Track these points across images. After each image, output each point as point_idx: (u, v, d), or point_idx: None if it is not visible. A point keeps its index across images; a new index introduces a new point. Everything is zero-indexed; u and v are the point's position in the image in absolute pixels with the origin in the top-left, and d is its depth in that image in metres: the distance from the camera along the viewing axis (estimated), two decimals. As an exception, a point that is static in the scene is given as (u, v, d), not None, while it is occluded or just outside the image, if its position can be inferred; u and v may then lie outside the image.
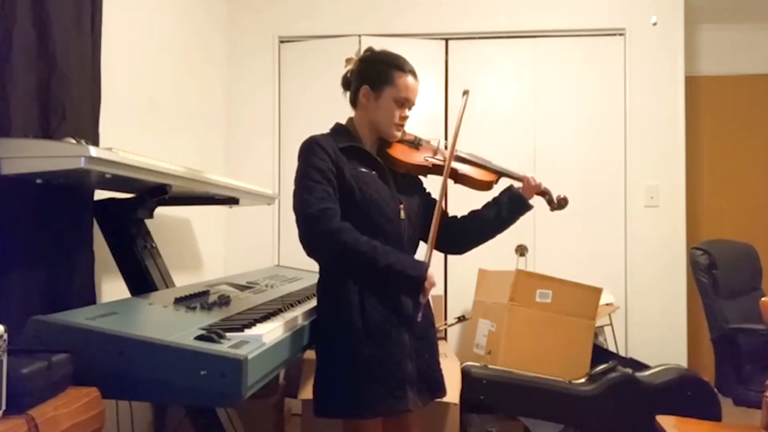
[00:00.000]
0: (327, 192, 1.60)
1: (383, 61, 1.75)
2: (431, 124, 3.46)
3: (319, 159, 1.63)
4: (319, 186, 1.59)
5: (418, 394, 1.69)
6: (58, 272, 1.70)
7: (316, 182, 1.60)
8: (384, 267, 1.58)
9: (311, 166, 1.62)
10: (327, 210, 1.57)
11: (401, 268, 1.60)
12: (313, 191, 1.59)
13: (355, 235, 1.58)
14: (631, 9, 3.48)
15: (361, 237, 1.59)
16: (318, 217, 1.56)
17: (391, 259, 1.60)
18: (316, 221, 1.56)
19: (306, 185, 1.61)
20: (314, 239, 1.59)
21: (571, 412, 2.52)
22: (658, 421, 1.99)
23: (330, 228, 1.56)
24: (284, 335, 1.50)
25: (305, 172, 1.63)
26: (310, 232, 1.58)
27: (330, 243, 1.58)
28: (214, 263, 3.43)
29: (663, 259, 3.41)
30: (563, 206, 1.87)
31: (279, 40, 3.65)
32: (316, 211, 1.56)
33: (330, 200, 1.59)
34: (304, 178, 1.62)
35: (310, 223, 1.57)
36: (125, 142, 1.95)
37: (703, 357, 3.50)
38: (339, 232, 1.57)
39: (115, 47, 2.24)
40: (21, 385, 1.03)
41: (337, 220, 1.58)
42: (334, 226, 1.57)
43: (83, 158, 1.34)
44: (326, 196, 1.59)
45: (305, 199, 1.59)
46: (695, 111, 3.89)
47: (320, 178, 1.60)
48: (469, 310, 3.17)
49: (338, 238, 1.56)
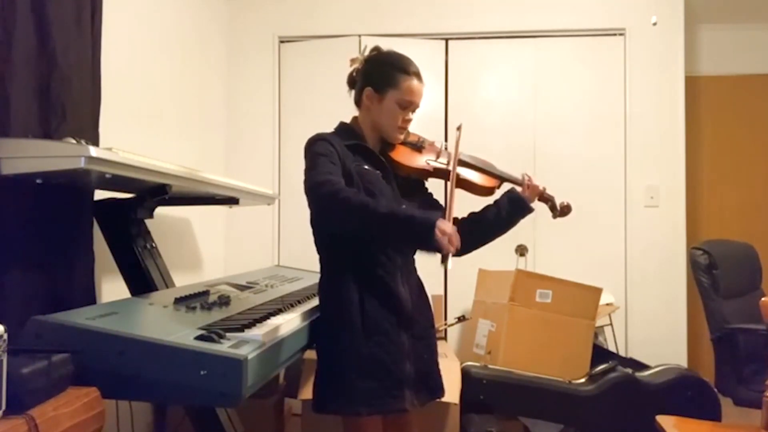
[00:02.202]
0: (333, 168, 1.60)
1: (388, 62, 1.75)
2: (431, 125, 3.45)
3: (327, 150, 1.64)
4: (325, 162, 1.60)
5: (416, 394, 1.68)
6: (58, 272, 1.70)
7: (321, 162, 1.60)
8: (387, 213, 1.53)
9: (316, 153, 1.63)
10: (332, 178, 1.57)
11: (405, 213, 1.56)
12: (317, 166, 1.59)
13: (360, 195, 1.58)
14: (631, 9, 3.48)
15: (365, 196, 1.58)
16: (323, 183, 1.55)
17: (395, 208, 1.59)
18: (321, 186, 1.55)
19: (311, 165, 1.61)
20: (320, 200, 1.57)
21: (571, 412, 2.52)
22: (658, 421, 1.99)
23: (333, 188, 1.55)
24: (284, 335, 1.50)
25: (312, 159, 1.63)
26: (316, 196, 1.57)
27: (334, 201, 1.55)
28: (214, 263, 3.43)
29: (663, 260, 3.41)
30: (566, 213, 1.84)
31: (279, 40, 3.65)
32: (322, 178, 1.56)
33: (336, 174, 1.60)
34: (311, 163, 1.62)
35: (315, 189, 1.57)
36: (125, 142, 1.95)
37: (703, 357, 3.51)
38: (342, 191, 1.55)
39: (115, 47, 2.23)
40: (21, 385, 1.03)
41: (341, 184, 1.57)
42: (338, 186, 1.56)
43: (83, 158, 1.34)
44: (332, 170, 1.59)
45: (311, 173, 1.59)
46: (695, 111, 3.89)
47: (325, 160, 1.61)
48: (469, 310, 3.17)
49: (341, 195, 1.54)
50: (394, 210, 1.55)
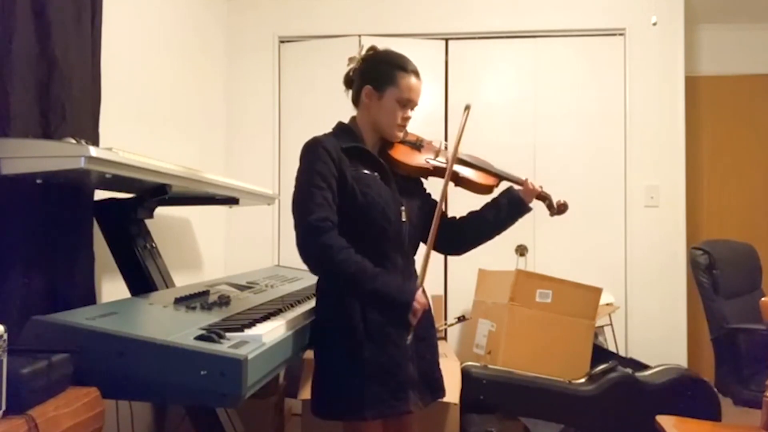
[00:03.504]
0: (326, 199, 1.58)
1: (386, 61, 1.74)
2: (431, 125, 3.45)
3: (322, 162, 1.61)
4: (319, 192, 1.58)
5: (419, 395, 1.68)
6: (58, 272, 1.70)
7: (317, 188, 1.58)
8: (370, 291, 1.57)
9: (313, 169, 1.61)
10: (325, 221, 1.55)
11: (387, 291, 1.57)
12: (313, 197, 1.57)
13: (347, 255, 1.55)
14: (631, 9, 3.48)
15: (352, 257, 1.56)
16: (315, 228, 1.54)
17: (378, 284, 1.57)
18: (313, 232, 1.55)
19: (306, 190, 1.59)
20: (308, 250, 1.57)
21: (571, 412, 2.52)
22: (658, 421, 1.99)
23: (324, 243, 1.54)
24: (284, 335, 1.50)
25: (307, 176, 1.62)
26: (305, 242, 1.57)
27: (322, 258, 1.56)
28: (214, 263, 3.43)
29: (663, 259, 3.41)
30: (563, 211, 1.85)
31: (279, 40, 3.65)
32: (315, 220, 1.54)
33: (328, 208, 1.58)
34: (306, 181, 1.61)
35: (307, 233, 1.56)
36: (125, 142, 1.95)
37: (703, 357, 3.51)
38: (331, 249, 1.54)
39: (115, 47, 2.24)
40: (21, 385, 1.03)
41: (332, 234, 1.56)
42: (329, 241, 1.55)
43: (83, 158, 1.34)
44: (325, 203, 1.57)
45: (305, 204, 1.58)
46: (695, 111, 3.89)
47: (321, 183, 1.59)
48: (469, 310, 3.17)
49: (330, 255, 1.54)
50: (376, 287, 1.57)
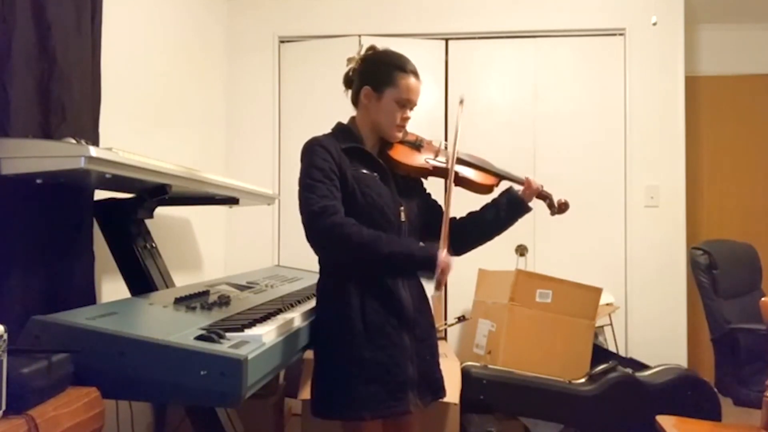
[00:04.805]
0: (329, 190, 1.60)
1: (385, 61, 1.75)
2: (431, 125, 3.45)
3: (322, 159, 1.63)
4: (321, 185, 1.60)
5: (419, 395, 1.68)
6: (58, 272, 1.70)
7: (319, 181, 1.60)
8: (388, 254, 1.57)
9: (313, 165, 1.63)
10: (329, 206, 1.57)
11: (407, 251, 1.59)
12: (315, 189, 1.59)
13: (358, 228, 1.58)
14: (631, 9, 3.48)
15: (364, 229, 1.58)
16: (320, 213, 1.56)
17: (395, 246, 1.59)
18: (319, 217, 1.56)
19: (308, 184, 1.61)
20: (318, 235, 1.58)
21: (571, 412, 2.52)
22: (658, 421, 1.99)
23: (332, 222, 1.56)
24: (284, 335, 1.50)
25: (308, 172, 1.63)
26: (314, 229, 1.58)
27: (334, 237, 1.57)
28: (214, 263, 3.43)
29: (663, 259, 3.40)
30: (564, 211, 1.85)
31: (279, 40, 3.65)
32: (319, 207, 1.56)
33: (332, 198, 1.60)
34: (307, 177, 1.63)
35: (313, 220, 1.57)
36: (125, 142, 1.95)
37: (703, 357, 3.50)
38: (341, 226, 1.57)
39: (115, 47, 2.24)
40: (21, 385, 1.03)
41: (339, 215, 1.58)
42: (337, 220, 1.57)
43: (83, 158, 1.34)
44: (328, 194, 1.60)
45: (307, 197, 1.60)
46: (695, 111, 3.89)
47: (322, 177, 1.61)
48: (469, 310, 3.17)
49: (341, 231, 1.56)
50: (393, 250, 1.57)
